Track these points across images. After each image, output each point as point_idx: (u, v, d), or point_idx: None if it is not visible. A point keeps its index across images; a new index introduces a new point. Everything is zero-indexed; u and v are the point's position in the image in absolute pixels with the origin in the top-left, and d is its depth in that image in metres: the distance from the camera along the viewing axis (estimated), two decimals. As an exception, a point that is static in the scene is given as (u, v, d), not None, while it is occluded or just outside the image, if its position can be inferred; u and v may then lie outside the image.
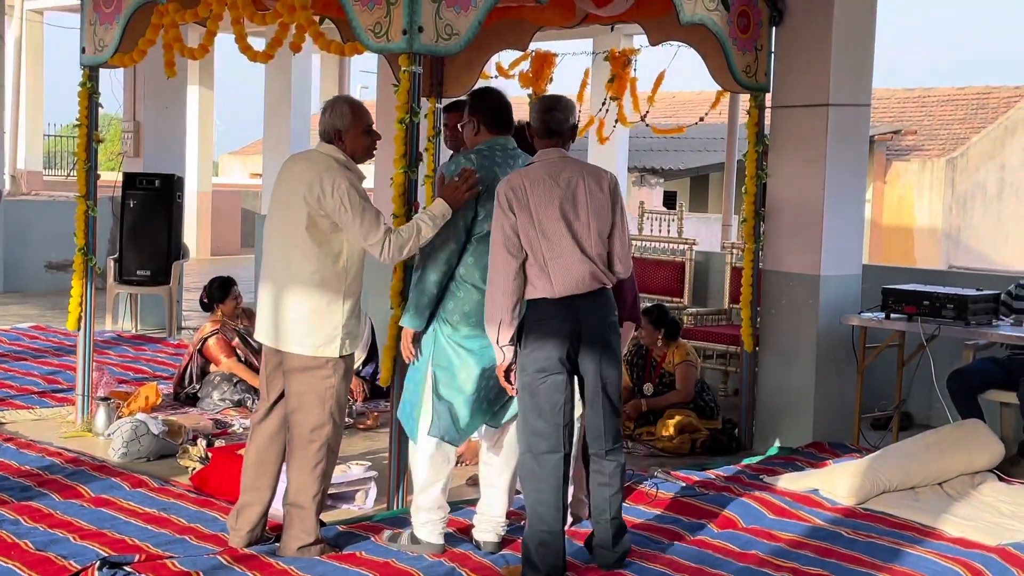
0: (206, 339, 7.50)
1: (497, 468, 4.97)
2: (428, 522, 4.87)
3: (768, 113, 7.14)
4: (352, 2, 5.49)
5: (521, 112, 5.29)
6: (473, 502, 5.21)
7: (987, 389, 6.84)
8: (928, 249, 21.49)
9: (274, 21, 6.06)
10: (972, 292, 6.69)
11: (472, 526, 5.06)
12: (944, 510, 5.64)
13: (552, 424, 4.60)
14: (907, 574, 4.77)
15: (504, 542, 4.97)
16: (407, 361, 4.96)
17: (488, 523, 4.96)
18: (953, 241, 21.87)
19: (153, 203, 9.96)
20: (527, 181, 4.62)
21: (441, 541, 4.88)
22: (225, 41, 6.76)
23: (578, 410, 4.83)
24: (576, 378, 4.72)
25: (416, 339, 4.88)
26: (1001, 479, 6.16)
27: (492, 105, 4.97)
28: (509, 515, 5.06)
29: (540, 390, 4.59)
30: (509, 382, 4.66)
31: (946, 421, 6.66)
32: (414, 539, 4.88)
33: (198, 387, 7.47)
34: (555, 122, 4.74)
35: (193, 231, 17.48)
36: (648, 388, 7.33)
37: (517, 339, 4.62)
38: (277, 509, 4.98)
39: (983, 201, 22.40)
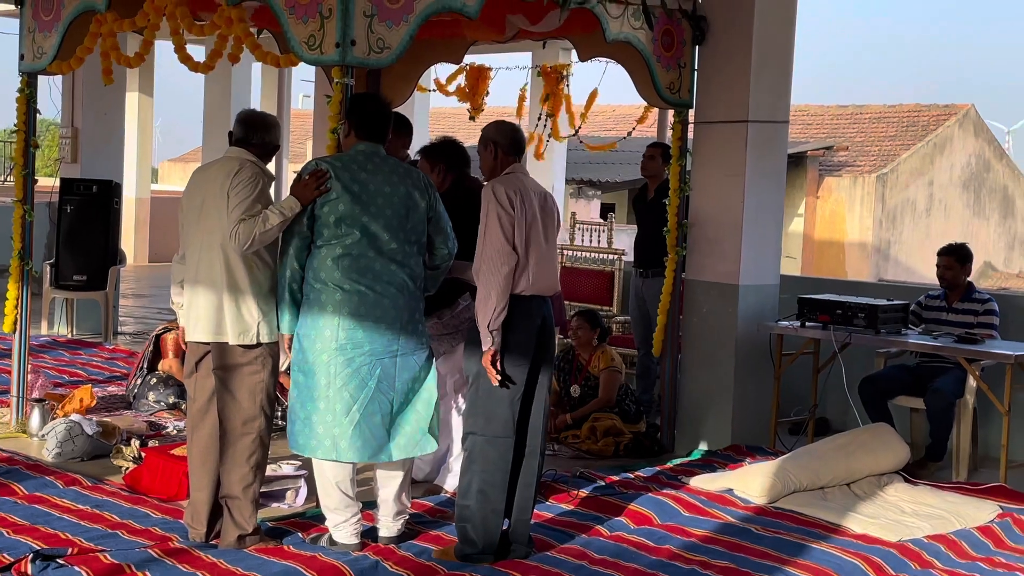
0: (169, 330, 7.65)
1: (387, 471, 5.05)
2: (339, 524, 4.99)
3: (691, 128, 7.40)
4: (287, 15, 5.66)
5: (458, 130, 5.49)
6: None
7: (897, 395, 7.13)
8: (859, 263, 21.97)
9: (212, 32, 6.20)
10: (883, 302, 6.97)
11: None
12: (850, 508, 5.89)
13: (512, 410, 4.90)
14: (810, 567, 4.99)
15: (404, 536, 5.11)
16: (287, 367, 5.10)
17: (384, 519, 5.08)
18: (883, 255, 22.37)
19: (90, 209, 10.01)
20: (519, 187, 4.96)
21: (357, 540, 4.98)
22: (166, 48, 6.89)
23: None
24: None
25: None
26: (907, 480, 6.44)
27: (368, 112, 5.06)
28: (429, 503, 5.22)
29: (505, 376, 4.87)
30: (495, 368, 4.85)
31: (857, 425, 6.93)
32: (332, 541, 5.03)
33: (139, 381, 7.59)
34: (522, 141, 5.18)
35: (131, 237, 17.47)
36: (575, 390, 7.55)
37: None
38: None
39: (912, 216, 22.95)
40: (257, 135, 5.05)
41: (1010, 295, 8.13)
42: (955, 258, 7.23)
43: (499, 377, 4.83)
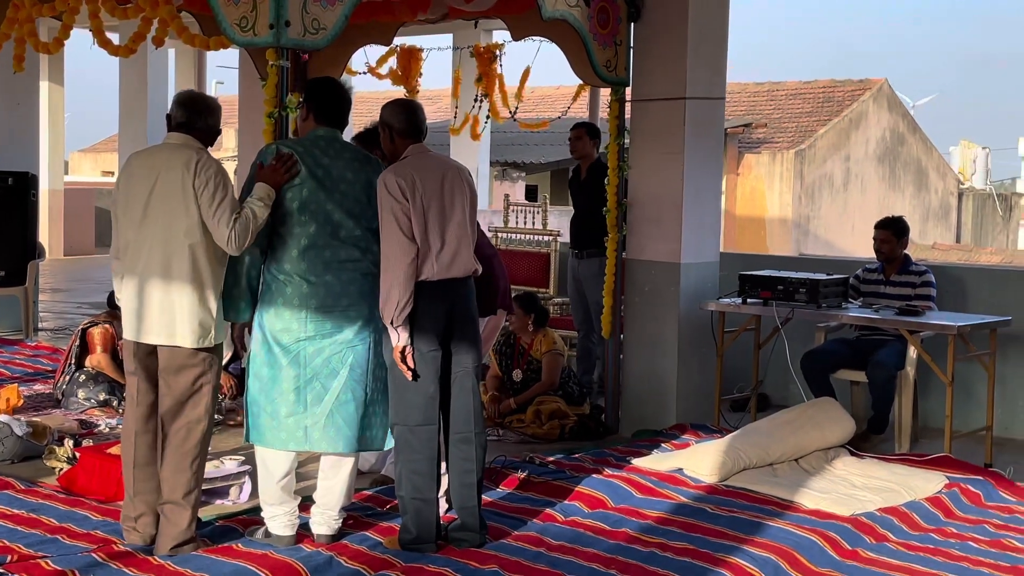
0: (95, 324, 7.38)
1: (332, 461, 4.92)
2: (274, 516, 4.86)
3: (628, 106, 7.35)
4: (218, -4, 5.47)
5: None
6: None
7: (838, 369, 7.17)
8: (779, 238, 22.22)
9: (136, 16, 6.00)
10: (823, 277, 7.00)
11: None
12: (801, 484, 5.90)
13: (427, 397, 4.79)
14: (767, 545, 4.97)
15: (341, 534, 4.96)
16: (241, 356, 4.97)
17: (321, 515, 4.94)
18: (803, 230, 22.65)
19: (7, 202, 9.67)
20: (415, 172, 4.79)
21: (291, 532, 4.86)
22: (75, 35, 6.62)
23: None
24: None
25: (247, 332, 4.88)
26: (853, 453, 6.48)
27: (328, 97, 4.93)
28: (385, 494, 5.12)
29: (417, 366, 4.76)
30: (405, 363, 4.75)
31: (801, 400, 6.96)
32: (267, 533, 4.90)
33: (68, 378, 7.33)
34: (420, 121, 4.99)
35: (45, 231, 17.00)
36: (517, 374, 7.47)
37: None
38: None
39: (830, 191, 23.27)
40: (202, 119, 4.81)
41: (946, 266, 8.22)
42: (892, 231, 7.28)
43: (410, 371, 4.75)
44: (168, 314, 4.68)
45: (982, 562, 4.92)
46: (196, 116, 4.80)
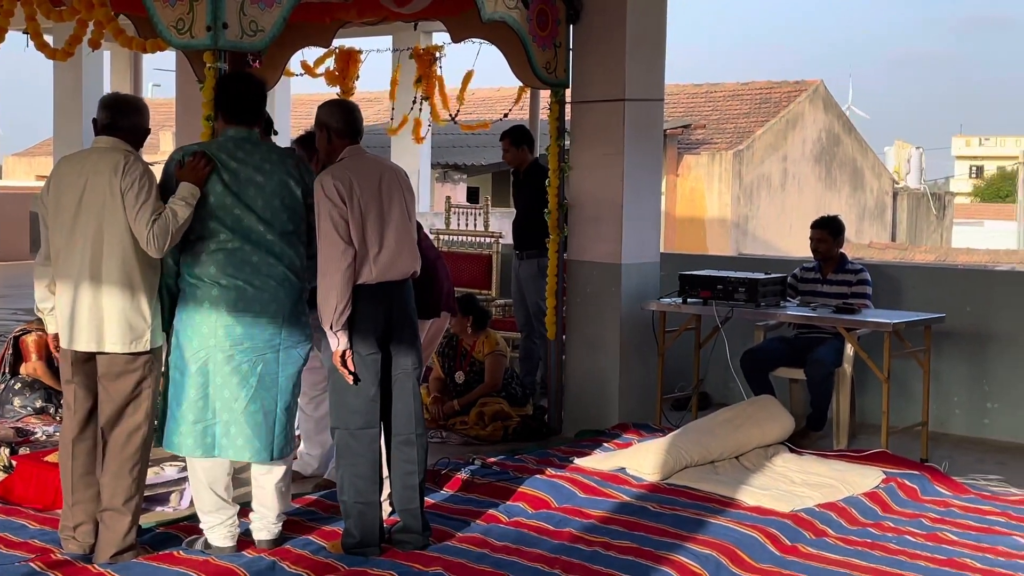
0: (27, 332, 7.25)
1: (263, 468, 4.86)
2: (212, 527, 4.81)
3: (568, 108, 7.37)
4: (154, -1, 5.42)
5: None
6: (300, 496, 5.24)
7: (777, 367, 7.25)
8: (719, 238, 22.40)
9: (71, 18, 5.92)
10: (762, 276, 7.06)
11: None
12: (741, 481, 5.95)
13: (368, 400, 4.78)
14: (709, 542, 5.00)
15: (283, 539, 4.92)
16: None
17: (260, 521, 4.90)
18: (741, 230, 22.85)
19: (-62, 206, 9.50)
20: (352, 174, 4.75)
21: (232, 543, 4.80)
22: (8, 37, 6.50)
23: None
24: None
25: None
26: (792, 450, 6.55)
27: (236, 94, 4.83)
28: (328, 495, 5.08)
29: (357, 369, 4.74)
30: (345, 367, 4.73)
31: (741, 398, 7.02)
32: (207, 545, 4.84)
33: (3, 386, 7.20)
34: (358, 122, 4.95)
35: (-26, 236, 16.73)
36: (460, 376, 7.47)
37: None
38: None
39: (768, 192, 23.49)
40: (125, 119, 4.74)
41: (882, 264, 8.34)
42: (828, 231, 7.36)
43: (351, 375, 4.73)
44: (97, 320, 4.62)
45: (918, 555, 4.99)
46: (120, 117, 4.73)
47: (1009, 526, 5.44)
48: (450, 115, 9.17)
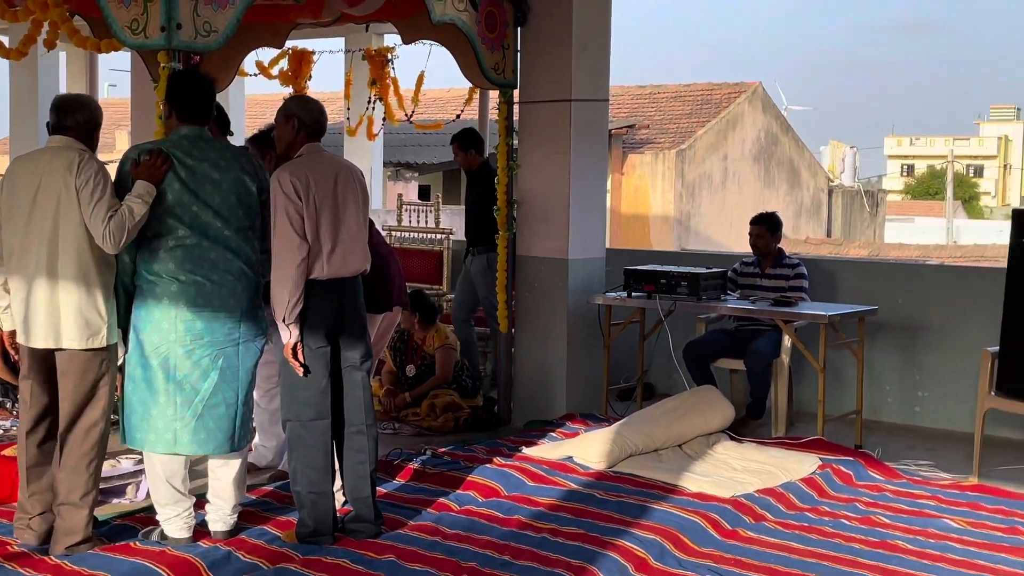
0: None
1: (219, 460, 4.82)
2: (169, 519, 4.76)
3: (516, 108, 7.36)
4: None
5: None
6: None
7: (718, 358, 7.29)
8: (662, 234, 22.50)
9: (26, 18, 5.83)
10: (703, 270, 7.10)
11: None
12: (684, 468, 5.98)
13: (319, 392, 4.75)
14: (653, 527, 5.02)
15: (238, 529, 4.88)
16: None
17: (216, 513, 4.86)
18: (684, 226, 22.96)
19: None
20: (309, 172, 4.72)
21: (188, 534, 4.76)
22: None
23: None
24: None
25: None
26: (732, 438, 6.60)
27: (188, 92, 4.76)
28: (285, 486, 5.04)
29: (308, 362, 4.71)
30: (296, 359, 4.70)
31: (684, 389, 7.05)
32: (163, 535, 4.79)
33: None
34: (324, 123, 4.94)
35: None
36: (411, 370, 7.44)
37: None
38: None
39: (709, 189, 23.62)
40: (71, 117, 4.66)
41: (818, 259, 8.40)
42: (766, 227, 7.41)
43: (302, 367, 4.70)
44: (54, 316, 4.55)
45: (853, 538, 5.04)
46: (66, 115, 4.66)
47: (939, 509, 5.51)
48: (406, 115, 9.14)
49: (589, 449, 6.12)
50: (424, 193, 11.50)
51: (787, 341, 6.94)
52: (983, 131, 62.59)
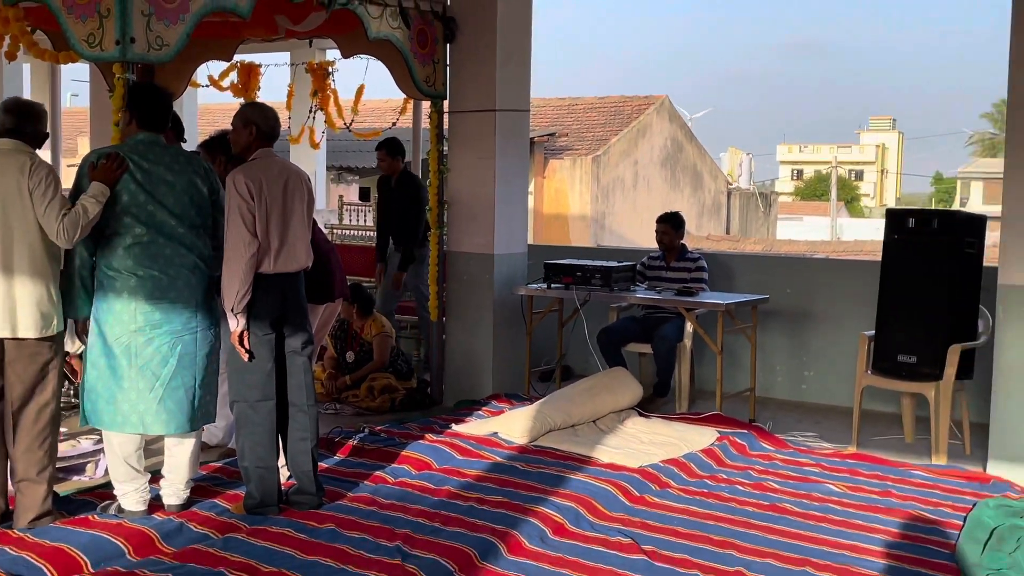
0: None
1: (175, 439, 4.75)
2: (126, 493, 4.68)
3: (446, 117, 7.33)
4: (66, 14, 5.22)
5: (225, 124, 5.15)
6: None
7: (628, 343, 7.33)
8: (580, 232, 22.59)
9: (-12, 31, 5.64)
10: (614, 264, 7.14)
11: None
12: (598, 442, 6.01)
13: (264, 375, 4.71)
14: (569, 495, 5.04)
15: (190, 503, 4.81)
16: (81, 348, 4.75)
17: (171, 487, 4.78)
18: (600, 225, 23.08)
19: None
20: (261, 174, 4.67)
21: (143, 507, 4.68)
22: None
23: None
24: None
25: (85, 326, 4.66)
26: (641, 414, 6.64)
27: (149, 103, 4.68)
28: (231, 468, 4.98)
29: (254, 348, 4.68)
30: (243, 346, 4.65)
31: (598, 370, 7.08)
32: (120, 509, 4.70)
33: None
34: (278, 130, 4.90)
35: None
36: (350, 356, 7.38)
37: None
38: None
39: (622, 192, 23.77)
40: (30, 124, 4.54)
41: (717, 254, 8.49)
42: (671, 225, 7.47)
43: (247, 353, 4.65)
44: (10, 308, 4.43)
45: (747, 502, 5.11)
46: (24, 122, 4.54)
47: (822, 475, 5.60)
48: (345, 124, 9.05)
49: (513, 425, 6.12)
50: (364, 194, 11.36)
51: (689, 327, 7.00)
52: (863, 139, 63.71)
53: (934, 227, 6.11)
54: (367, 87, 9.24)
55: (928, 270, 6.07)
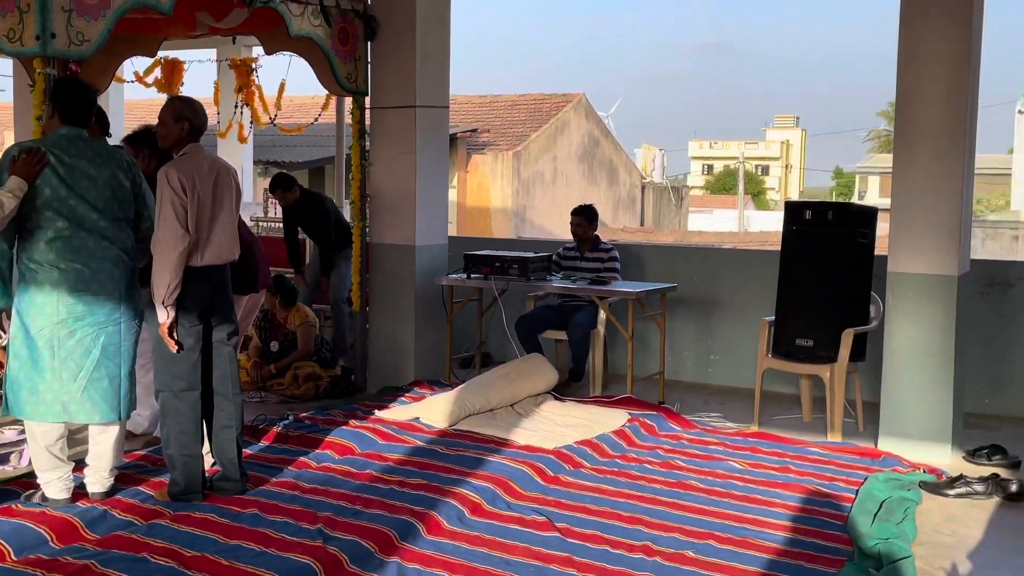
0: None
1: (99, 428, 4.65)
2: (49, 482, 4.57)
3: (368, 113, 7.26)
4: (-16, 9, 5.03)
5: (152, 118, 5.04)
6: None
7: (545, 330, 7.36)
8: (502, 224, 22.60)
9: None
10: (531, 254, 7.15)
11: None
12: (515, 425, 6.02)
13: (190, 365, 4.62)
14: (487, 476, 5.04)
15: (114, 490, 4.71)
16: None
17: (95, 476, 4.68)
18: (520, 217, 23.12)
19: None
20: (193, 169, 4.58)
21: (66, 496, 4.57)
22: None
23: None
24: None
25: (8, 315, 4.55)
26: (556, 398, 6.67)
27: (72, 98, 4.58)
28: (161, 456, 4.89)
29: (181, 339, 4.59)
30: (172, 338, 4.57)
31: (516, 357, 7.09)
32: (44, 498, 4.59)
33: None
34: (206, 125, 4.79)
35: None
36: (274, 345, 7.29)
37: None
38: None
39: (542, 186, 23.83)
40: None
41: (631, 245, 8.56)
42: (585, 217, 7.51)
43: (176, 345, 4.57)
44: None
45: (655, 479, 5.16)
46: None
47: (726, 453, 5.68)
48: (270, 119, 8.92)
49: (434, 410, 6.10)
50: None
51: (602, 315, 7.05)
52: (769, 136, 64.77)
53: (829, 219, 6.23)
54: (292, 84, 9.18)
55: (824, 259, 6.20)
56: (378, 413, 6.24)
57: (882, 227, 6.24)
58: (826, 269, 6.19)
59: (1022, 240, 18.78)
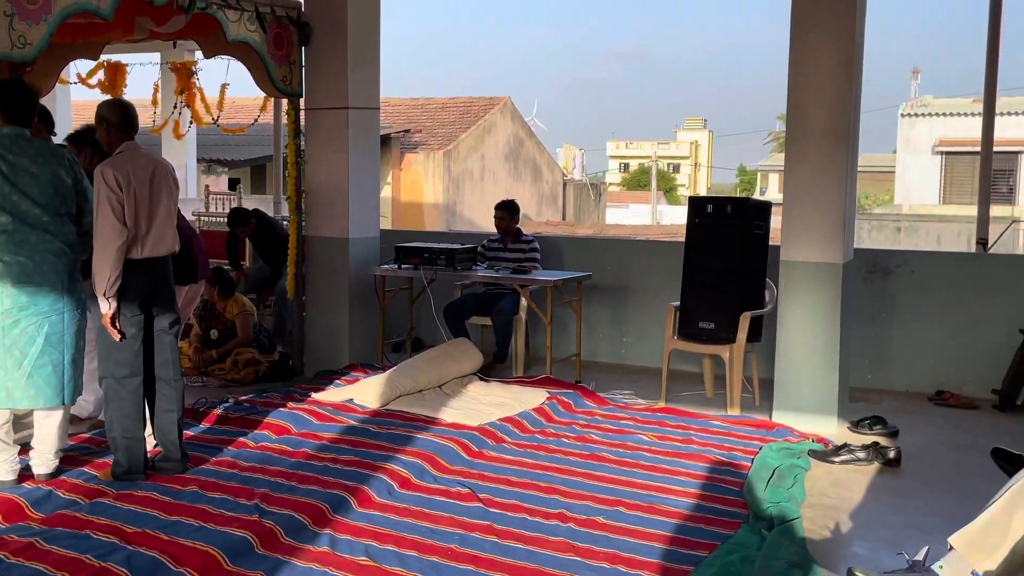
0: None
1: (44, 412, 4.53)
2: None
3: (303, 114, 7.17)
4: (-74, 11, 4.84)
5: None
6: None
7: (471, 316, 7.36)
8: (434, 219, 22.52)
9: None
10: (458, 246, 7.13)
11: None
12: (442, 405, 6.02)
13: (132, 353, 4.54)
14: (416, 452, 5.03)
15: (59, 472, 4.60)
16: None
17: (40, 458, 4.57)
18: (451, 212, 23.06)
19: None
20: (129, 166, 4.47)
21: (13, 477, 4.45)
22: None
23: None
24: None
25: None
26: (482, 379, 6.67)
27: (14, 98, 4.43)
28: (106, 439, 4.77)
29: (124, 328, 4.51)
30: (115, 327, 4.47)
31: (444, 341, 7.08)
32: None
33: None
34: (134, 119, 4.67)
35: None
36: (214, 333, 7.17)
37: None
38: None
39: (471, 183, 23.80)
40: None
41: (552, 237, 8.60)
42: (507, 211, 7.52)
43: (118, 334, 4.48)
44: None
45: (571, 452, 5.21)
46: None
47: (636, 427, 5.75)
48: (213, 119, 8.74)
49: (367, 392, 6.07)
50: (232, 184, 11.03)
51: (524, 301, 7.07)
52: (679, 137, 65.45)
53: (728, 212, 6.34)
54: (234, 85, 8.99)
55: (723, 249, 6.30)
56: (314, 395, 6.19)
57: (776, 220, 6.36)
58: (725, 258, 6.29)
59: (904, 231, 19.33)
